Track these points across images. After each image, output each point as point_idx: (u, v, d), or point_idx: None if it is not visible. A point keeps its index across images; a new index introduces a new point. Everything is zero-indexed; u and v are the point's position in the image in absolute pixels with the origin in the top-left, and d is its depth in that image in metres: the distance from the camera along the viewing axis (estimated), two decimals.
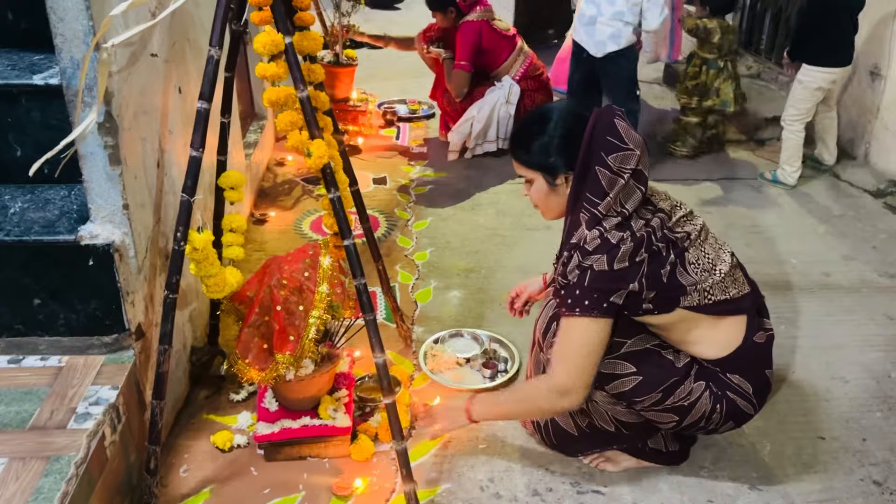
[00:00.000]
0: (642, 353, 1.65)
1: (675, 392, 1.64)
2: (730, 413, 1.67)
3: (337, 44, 4.02)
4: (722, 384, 1.66)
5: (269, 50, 1.52)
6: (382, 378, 1.64)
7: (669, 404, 1.65)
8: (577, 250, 1.57)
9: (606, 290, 1.53)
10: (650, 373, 1.64)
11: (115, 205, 1.60)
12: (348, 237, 1.61)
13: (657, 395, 1.64)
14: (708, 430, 1.71)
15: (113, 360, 1.69)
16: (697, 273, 1.60)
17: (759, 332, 1.71)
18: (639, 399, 1.66)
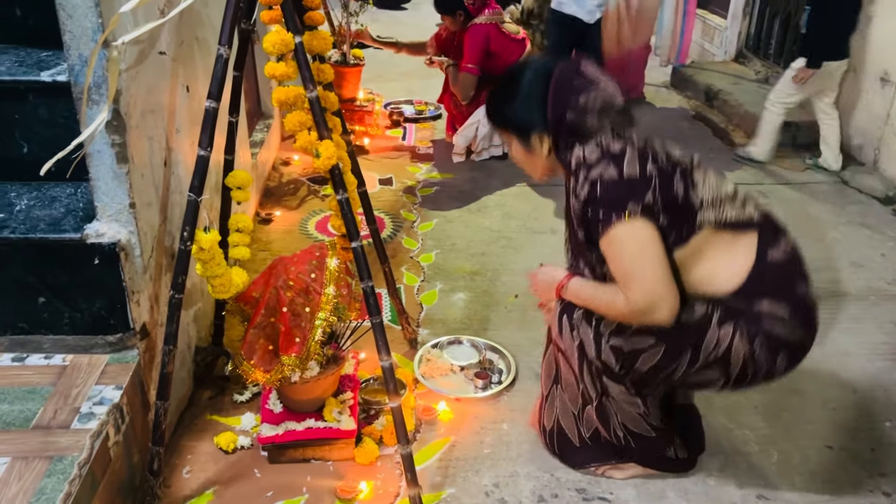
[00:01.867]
0: None
1: (703, 345, 1.52)
2: (774, 347, 1.51)
3: (344, 43, 4.01)
4: (751, 318, 1.51)
5: (279, 49, 1.51)
6: (388, 381, 1.63)
7: (704, 361, 1.53)
8: (581, 168, 1.48)
9: (623, 197, 1.43)
10: (671, 336, 1.53)
11: (121, 203, 1.59)
12: (356, 239, 1.59)
13: (687, 356, 1.54)
14: (766, 376, 1.56)
15: (117, 360, 1.68)
16: (708, 191, 1.50)
17: (773, 249, 1.55)
18: (672, 369, 1.56)
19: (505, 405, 2.10)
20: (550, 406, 1.87)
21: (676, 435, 1.81)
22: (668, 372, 1.58)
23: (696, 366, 1.55)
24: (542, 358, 1.93)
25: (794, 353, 1.56)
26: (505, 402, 2.11)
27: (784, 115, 3.80)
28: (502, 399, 2.13)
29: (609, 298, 1.52)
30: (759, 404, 2.11)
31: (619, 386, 1.66)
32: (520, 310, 2.56)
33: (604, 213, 1.44)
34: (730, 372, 1.55)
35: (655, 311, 1.46)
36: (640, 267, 1.44)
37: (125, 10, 1.34)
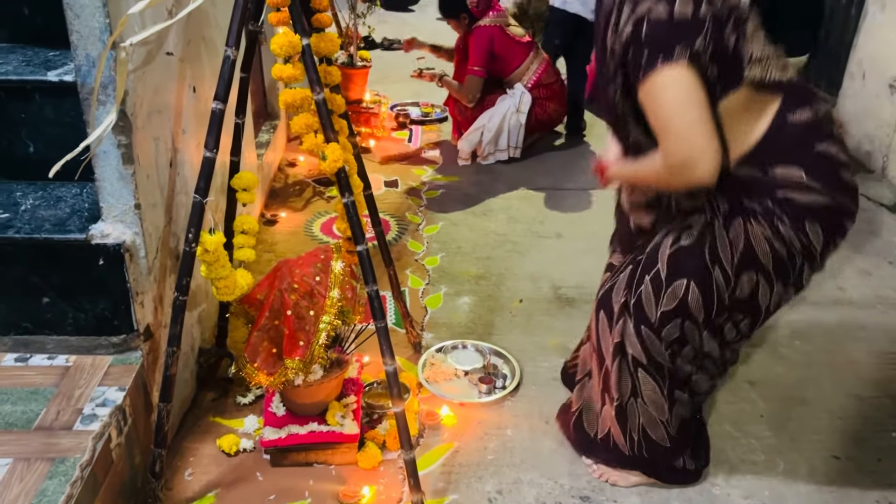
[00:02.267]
0: (674, 256, 1.55)
1: (721, 257, 1.47)
2: (796, 216, 1.41)
3: (351, 45, 4.01)
4: (762, 190, 1.42)
5: (286, 51, 1.50)
6: (392, 386, 1.62)
7: (735, 272, 1.48)
8: (626, 1, 1.34)
9: (670, 40, 1.30)
10: (691, 266, 1.51)
11: (126, 204, 1.59)
12: (362, 242, 1.58)
13: (718, 277, 1.50)
14: (808, 254, 1.46)
15: (120, 361, 1.67)
16: (757, 45, 1.37)
17: (798, 112, 1.41)
18: (715, 308, 1.53)
19: (509, 411, 2.09)
20: (580, 390, 1.91)
21: (689, 446, 1.80)
22: (716, 318, 1.56)
23: (731, 284, 1.50)
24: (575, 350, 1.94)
25: (827, 219, 1.44)
26: (509, 408, 2.10)
27: None
28: (506, 404, 2.11)
29: (649, 164, 1.43)
30: (765, 413, 2.10)
31: (653, 383, 1.66)
32: (524, 314, 2.55)
33: (647, 55, 1.30)
34: (767, 268, 1.47)
35: (696, 167, 1.33)
36: (680, 117, 1.31)
37: (134, 12, 1.34)
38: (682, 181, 1.38)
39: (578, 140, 4.23)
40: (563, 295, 2.68)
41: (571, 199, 3.48)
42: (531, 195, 3.53)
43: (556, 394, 2.14)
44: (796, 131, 1.41)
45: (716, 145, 1.32)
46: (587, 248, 3.00)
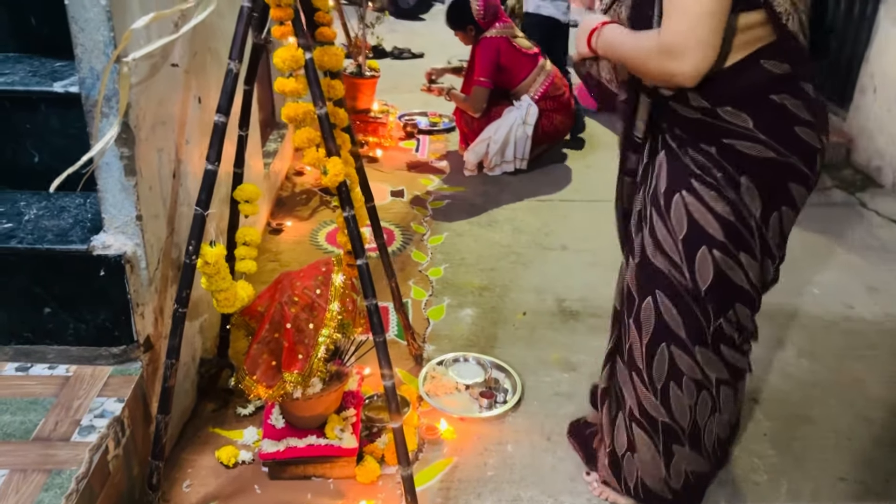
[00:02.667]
0: (637, 273, 1.53)
1: (662, 247, 1.45)
2: (738, 168, 1.35)
3: (360, 55, 4.02)
4: (707, 134, 1.37)
5: (289, 65, 1.50)
6: (391, 401, 1.61)
7: (684, 260, 1.44)
8: None
9: None
10: (649, 274, 1.50)
11: (128, 216, 1.59)
12: (361, 256, 1.58)
13: (677, 278, 1.45)
14: (762, 216, 1.39)
15: (120, 372, 1.67)
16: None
17: (779, 65, 1.32)
18: (686, 302, 1.47)
19: (509, 426, 2.07)
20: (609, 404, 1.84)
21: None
22: (701, 322, 1.48)
23: (691, 275, 1.44)
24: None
25: (769, 177, 1.37)
26: (509, 423, 2.09)
27: None
28: (507, 419, 2.10)
29: (643, 37, 1.33)
30: (768, 431, 2.07)
31: (647, 438, 1.61)
32: (528, 328, 2.54)
33: None
34: (719, 240, 1.40)
35: (684, 57, 1.23)
36: (690, 5, 1.21)
37: (137, 27, 1.34)
38: (664, 70, 1.28)
39: (581, 147, 4.22)
40: (568, 308, 2.66)
41: (578, 212, 3.47)
42: (537, 206, 3.52)
43: (557, 409, 2.13)
44: (761, 78, 1.32)
45: (713, 48, 1.23)
46: (593, 261, 2.98)
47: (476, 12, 3.68)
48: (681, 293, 1.47)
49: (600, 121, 4.79)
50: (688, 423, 1.57)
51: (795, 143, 1.35)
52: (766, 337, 2.49)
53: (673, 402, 1.55)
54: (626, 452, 1.68)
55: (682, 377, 1.53)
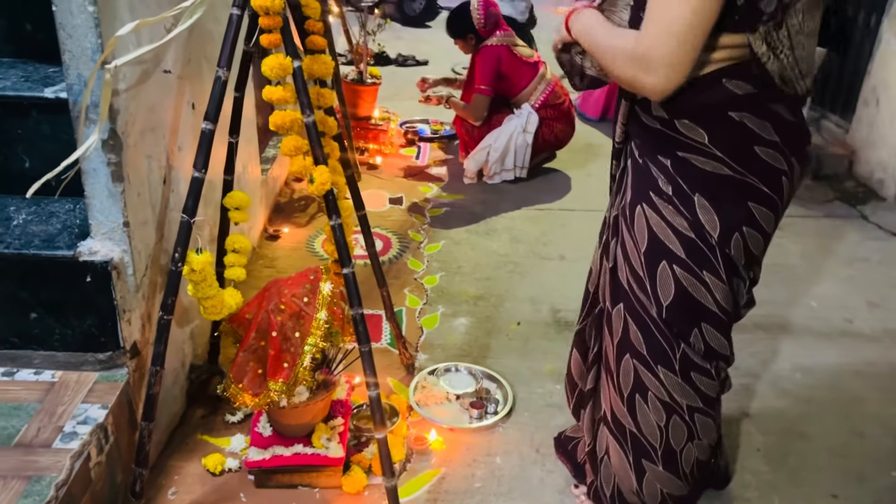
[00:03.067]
0: (610, 283, 1.53)
1: (629, 260, 1.43)
2: (692, 184, 1.31)
3: (361, 62, 4.03)
4: (665, 146, 1.34)
5: (277, 73, 1.50)
6: (375, 412, 1.60)
7: (646, 275, 1.40)
8: None
9: None
10: (617, 287, 1.49)
11: (115, 222, 1.59)
12: (348, 265, 1.57)
13: (636, 293, 1.43)
14: (723, 236, 1.33)
15: (106, 378, 1.67)
16: (798, 17, 1.23)
17: (743, 86, 1.27)
18: (646, 318, 1.43)
19: (499, 437, 2.06)
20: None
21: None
22: (662, 341, 1.43)
23: (651, 291, 1.40)
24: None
25: (726, 197, 1.31)
26: (500, 435, 2.07)
27: None
28: (497, 431, 2.08)
29: (621, 37, 1.27)
30: (762, 447, 2.05)
31: (618, 447, 1.57)
32: (522, 338, 2.53)
33: None
34: (679, 255, 1.35)
35: (654, 72, 1.19)
36: (674, 11, 1.14)
37: (122, 34, 1.34)
38: (632, 78, 1.24)
39: (585, 160, 4.21)
40: (563, 319, 2.65)
41: (577, 221, 3.45)
42: (536, 215, 3.51)
43: (548, 421, 2.11)
44: (722, 96, 1.27)
45: (687, 68, 1.19)
46: None
47: (476, 21, 3.69)
48: (640, 311, 1.44)
49: (601, 129, 4.79)
50: (660, 442, 1.51)
51: (754, 162, 1.29)
52: (761, 350, 2.48)
53: (639, 415, 1.51)
54: (604, 456, 1.65)
55: (647, 392, 1.48)
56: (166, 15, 1.44)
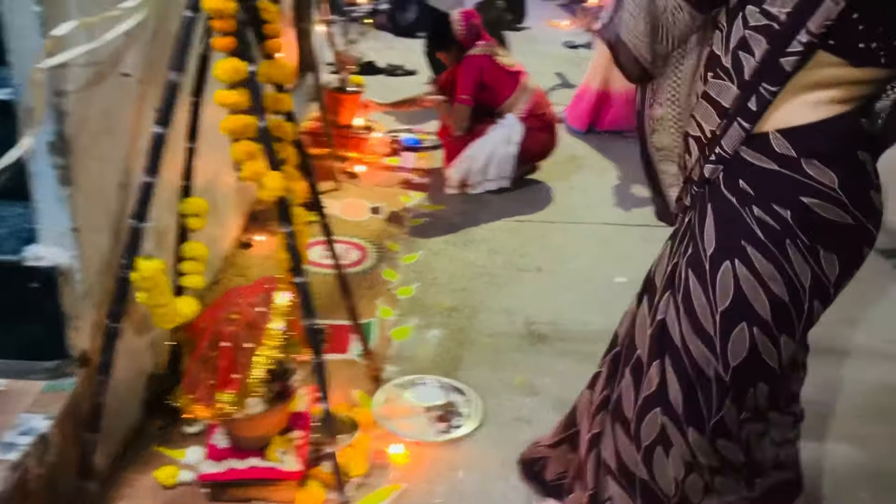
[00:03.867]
0: (655, 335, 1.40)
1: (697, 318, 1.30)
2: (817, 236, 1.22)
3: (344, 70, 4.01)
4: (784, 192, 1.22)
5: (231, 77, 1.47)
6: (326, 426, 1.56)
7: (718, 335, 1.29)
8: None
9: None
10: (668, 341, 1.37)
11: (63, 226, 1.55)
12: (300, 274, 1.54)
13: (695, 349, 1.32)
14: (822, 294, 1.27)
15: (52, 388, 1.62)
16: None
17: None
18: (700, 384, 1.33)
19: (464, 451, 2.01)
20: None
21: None
22: (706, 406, 1.34)
23: (719, 351, 1.29)
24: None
25: (847, 245, 1.24)
26: (465, 448, 2.03)
27: None
28: (462, 445, 2.04)
29: None
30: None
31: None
32: (493, 350, 2.49)
33: None
34: (764, 318, 1.26)
35: None
36: None
37: (59, 34, 1.31)
38: None
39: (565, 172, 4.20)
40: (536, 331, 2.61)
41: (557, 233, 3.42)
42: (516, 227, 3.48)
43: (516, 435, 2.06)
44: (857, 135, 1.21)
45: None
46: (567, 284, 2.93)
47: (458, 32, 3.67)
48: (691, 370, 1.33)
49: (588, 141, 4.76)
50: (674, 494, 1.42)
51: (870, 207, 1.24)
52: None
53: (656, 467, 1.42)
54: (606, 502, 1.54)
55: (670, 447, 1.39)
56: (107, 15, 1.40)
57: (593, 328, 2.62)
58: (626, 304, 2.77)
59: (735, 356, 1.30)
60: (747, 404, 1.37)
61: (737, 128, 1.23)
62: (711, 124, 1.27)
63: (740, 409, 1.37)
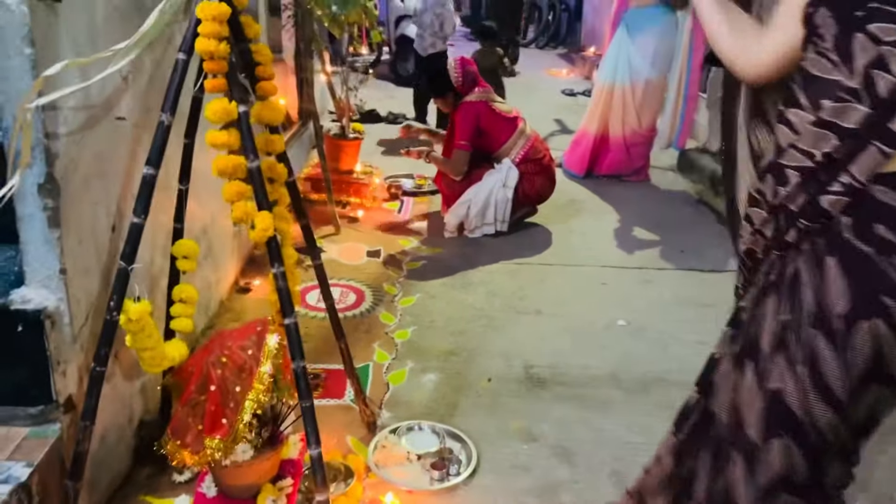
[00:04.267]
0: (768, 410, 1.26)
1: (827, 383, 1.18)
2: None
3: (344, 117, 4.05)
4: None
5: (221, 118, 1.48)
6: (316, 472, 1.51)
7: (847, 400, 1.18)
8: None
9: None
10: (786, 415, 1.23)
11: (51, 269, 1.54)
12: (290, 315, 1.51)
13: (819, 415, 1.20)
14: None
15: (37, 434, 1.58)
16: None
17: None
18: (819, 446, 1.22)
19: (461, 500, 1.95)
20: None
21: None
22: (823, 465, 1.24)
23: (845, 413, 1.19)
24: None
25: None
26: (461, 497, 1.96)
27: None
28: (458, 493, 1.98)
29: (739, 19, 1.35)
30: None
31: None
32: (491, 395, 2.43)
33: None
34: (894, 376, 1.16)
35: (743, 60, 1.33)
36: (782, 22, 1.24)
37: (49, 74, 1.32)
38: (732, 58, 1.34)
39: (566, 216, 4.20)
40: (535, 375, 2.56)
41: (555, 276, 3.40)
42: (514, 270, 3.46)
43: (514, 483, 2.01)
44: None
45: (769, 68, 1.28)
46: (566, 327, 2.90)
47: (455, 79, 3.73)
48: (817, 444, 1.22)
49: (586, 185, 4.79)
50: None
51: None
52: None
53: None
54: None
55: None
56: (99, 56, 1.42)
57: (593, 372, 2.57)
58: (626, 348, 2.75)
59: (862, 417, 1.21)
60: (854, 460, 1.28)
61: (874, 152, 1.12)
62: (825, 147, 1.17)
63: (851, 465, 1.28)
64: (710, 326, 2.98)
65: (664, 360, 2.64)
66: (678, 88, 4.67)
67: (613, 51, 4.75)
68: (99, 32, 1.64)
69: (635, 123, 4.77)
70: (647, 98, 4.73)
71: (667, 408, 2.38)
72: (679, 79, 4.67)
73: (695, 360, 2.75)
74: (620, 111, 4.76)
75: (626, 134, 4.80)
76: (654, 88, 4.73)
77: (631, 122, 4.77)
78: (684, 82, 4.68)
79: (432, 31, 5.96)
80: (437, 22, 5.93)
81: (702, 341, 2.83)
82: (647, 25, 4.59)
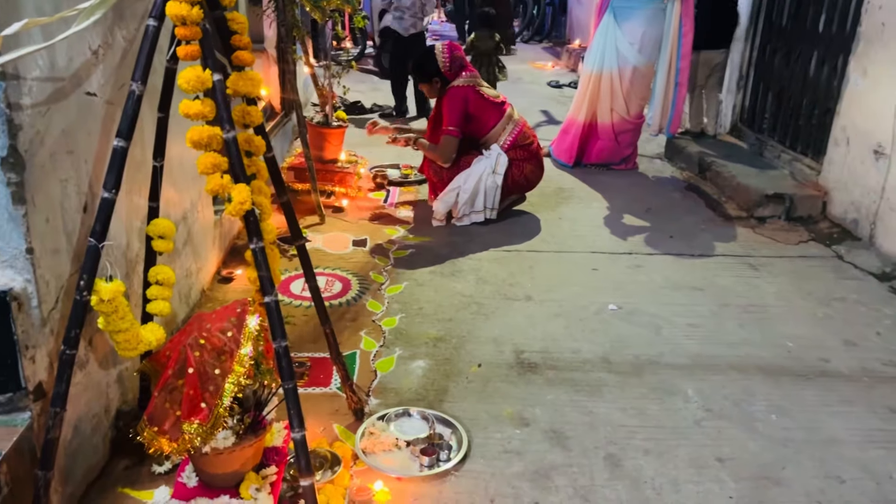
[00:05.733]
0: None
1: None
2: None
3: (327, 105, 3.98)
4: None
5: (194, 87, 1.41)
6: (300, 457, 1.45)
7: None
8: None
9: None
10: None
11: (17, 248, 1.46)
12: (270, 293, 1.44)
13: None
14: None
15: (5, 423, 1.51)
16: None
17: None
18: None
19: (450, 487, 1.89)
20: None
21: None
22: None
23: None
24: None
25: None
26: (451, 484, 1.90)
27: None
28: (448, 479, 1.92)
29: None
30: (734, 495, 1.89)
31: None
32: (481, 380, 2.38)
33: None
34: None
35: None
36: None
37: (8, 33, 1.24)
38: None
39: (555, 203, 4.14)
40: (526, 360, 2.51)
41: (546, 263, 3.34)
42: (504, 257, 3.40)
43: (505, 468, 1.95)
44: None
45: None
46: (557, 313, 2.84)
47: (442, 63, 3.66)
48: None
49: (574, 174, 4.74)
50: None
51: None
52: (735, 391, 2.34)
53: None
54: None
55: None
56: (63, 15, 1.34)
57: (585, 356, 2.52)
58: (618, 332, 2.71)
59: None
60: None
61: None
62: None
63: None
64: (700, 310, 2.99)
65: (656, 343, 2.59)
66: (668, 75, 4.63)
67: (600, 38, 4.70)
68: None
69: (623, 110, 4.73)
70: (634, 85, 4.69)
71: (659, 390, 2.36)
72: (669, 65, 4.62)
73: (686, 342, 2.73)
74: (609, 98, 4.72)
75: (615, 121, 4.76)
76: (642, 76, 4.69)
77: (619, 109, 4.73)
78: (674, 68, 4.63)
79: (412, 12, 6.15)
80: (419, 2, 6.15)
81: (693, 324, 2.80)
82: (634, 11, 4.55)
